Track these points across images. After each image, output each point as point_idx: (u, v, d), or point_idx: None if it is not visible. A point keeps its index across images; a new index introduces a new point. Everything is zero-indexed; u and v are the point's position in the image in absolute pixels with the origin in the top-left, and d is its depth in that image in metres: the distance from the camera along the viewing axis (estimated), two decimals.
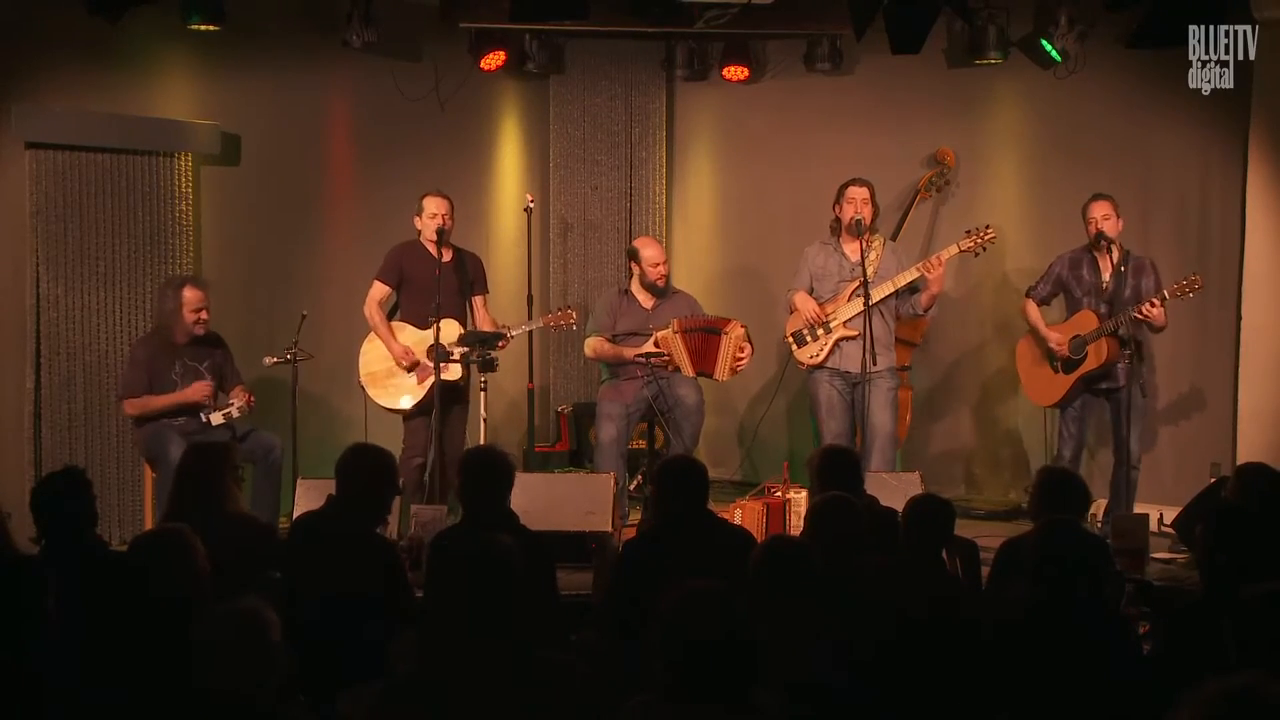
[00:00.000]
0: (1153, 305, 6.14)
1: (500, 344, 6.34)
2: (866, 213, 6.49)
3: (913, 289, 6.56)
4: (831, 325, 6.54)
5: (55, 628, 3.58)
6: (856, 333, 6.41)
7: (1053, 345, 6.41)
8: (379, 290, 6.51)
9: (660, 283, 6.82)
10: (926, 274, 6.40)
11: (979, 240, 6.52)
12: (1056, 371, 6.46)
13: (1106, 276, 6.38)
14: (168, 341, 6.19)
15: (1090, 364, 6.32)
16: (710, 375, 6.68)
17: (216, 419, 6.09)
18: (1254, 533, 3.69)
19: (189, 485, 4.64)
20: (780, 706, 2.86)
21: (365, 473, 4.33)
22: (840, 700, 3.31)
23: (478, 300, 6.60)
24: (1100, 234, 6.31)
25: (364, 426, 6.49)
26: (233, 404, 6.13)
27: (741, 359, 6.63)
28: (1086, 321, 6.35)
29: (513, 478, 4.46)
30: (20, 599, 3.44)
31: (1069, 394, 6.43)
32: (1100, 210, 6.34)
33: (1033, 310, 6.58)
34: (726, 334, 6.60)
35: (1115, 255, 6.29)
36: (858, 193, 6.51)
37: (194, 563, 3.57)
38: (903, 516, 4.24)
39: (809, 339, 6.60)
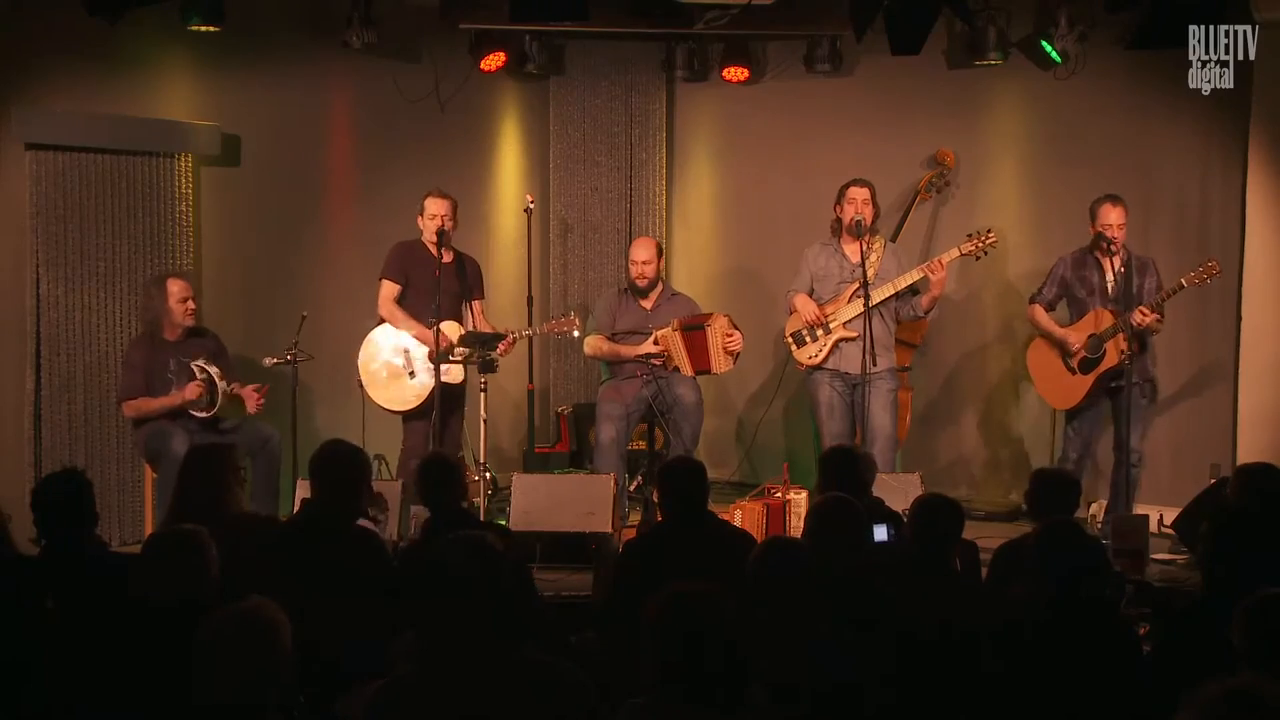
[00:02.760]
0: (1144, 314, 6.16)
1: (503, 346, 6.34)
2: (867, 213, 6.49)
3: (913, 291, 6.57)
4: (831, 326, 6.55)
5: (55, 629, 3.59)
6: (856, 334, 6.41)
7: (1072, 346, 6.39)
8: (390, 289, 6.51)
9: (641, 282, 6.82)
10: (930, 276, 6.40)
11: (980, 244, 6.52)
12: (1074, 373, 6.43)
13: (1111, 276, 6.39)
14: (160, 340, 6.20)
15: (1109, 361, 6.30)
16: (709, 371, 6.70)
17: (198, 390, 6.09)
18: (1255, 534, 3.68)
19: (192, 487, 4.64)
20: (776, 706, 2.86)
21: (335, 469, 4.35)
22: (839, 701, 3.31)
23: (475, 305, 6.61)
24: (1100, 235, 6.31)
25: (364, 427, 6.51)
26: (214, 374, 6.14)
27: (732, 345, 6.63)
28: (1102, 320, 6.34)
29: (463, 478, 4.70)
30: (20, 600, 3.44)
31: (1090, 394, 6.41)
32: (1115, 216, 6.33)
33: (1042, 315, 6.55)
34: (710, 325, 6.62)
35: (1118, 260, 6.32)
36: (858, 193, 6.51)
37: (208, 565, 3.57)
38: (910, 516, 4.23)
39: (808, 339, 6.61)
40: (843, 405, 6.57)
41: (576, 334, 6.70)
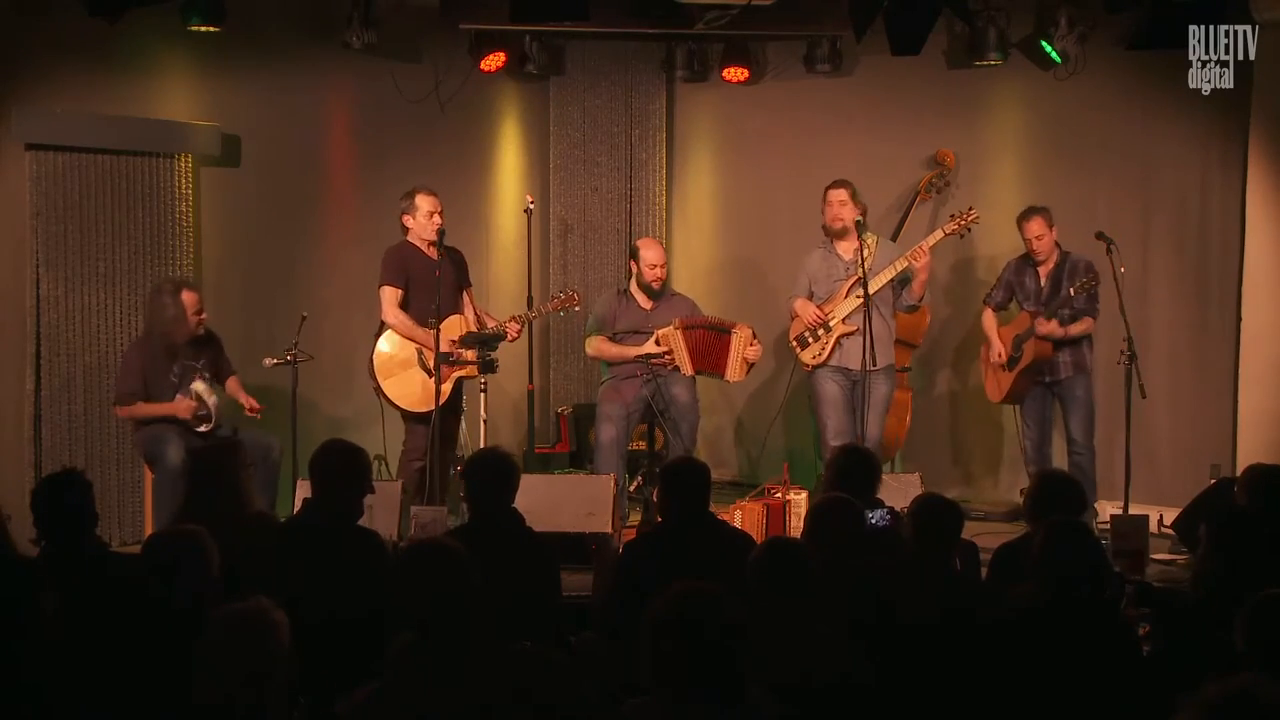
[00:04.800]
0: (1043, 323, 6.48)
1: (510, 337, 6.37)
2: (846, 214, 6.54)
3: (904, 281, 6.61)
4: (831, 324, 6.59)
5: (55, 629, 3.58)
6: (855, 328, 6.45)
7: (992, 355, 6.80)
8: (394, 294, 6.43)
9: (656, 285, 6.85)
10: (914, 262, 6.47)
11: (963, 222, 6.61)
12: (1003, 370, 6.76)
13: (1044, 282, 6.62)
14: (165, 345, 6.17)
15: (1024, 361, 6.60)
16: (715, 375, 6.72)
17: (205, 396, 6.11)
18: (1257, 535, 3.68)
19: (202, 486, 4.63)
20: (776, 706, 2.86)
21: (334, 469, 4.35)
22: (839, 701, 3.31)
23: (468, 294, 6.64)
24: (1028, 254, 6.66)
25: (365, 428, 6.50)
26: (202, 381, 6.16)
27: (751, 354, 6.70)
28: (1022, 322, 6.66)
29: (518, 478, 4.46)
30: (19, 601, 3.44)
31: (1014, 389, 6.72)
32: (1031, 229, 6.61)
33: (987, 318, 6.90)
34: (737, 333, 6.66)
35: (1047, 267, 6.62)
36: (835, 195, 6.61)
37: (209, 565, 3.56)
38: (909, 517, 4.23)
39: (811, 341, 6.65)
40: (844, 400, 6.63)
41: (579, 308, 6.71)
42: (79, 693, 3.32)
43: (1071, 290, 6.43)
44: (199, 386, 6.14)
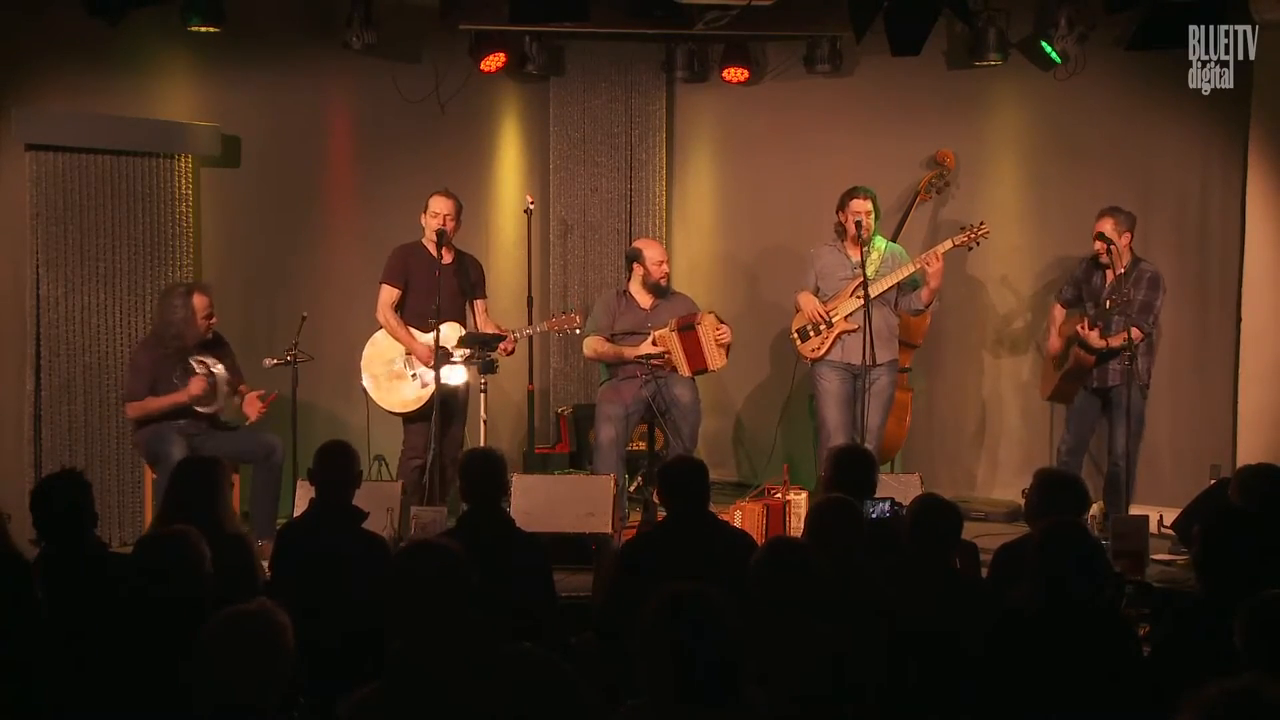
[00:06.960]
0: (1082, 329, 6.37)
1: (503, 346, 6.35)
2: (869, 222, 6.56)
3: (914, 285, 6.62)
4: (833, 320, 6.62)
5: (54, 629, 3.58)
6: (857, 326, 6.48)
7: (1049, 350, 6.77)
8: (389, 294, 6.49)
9: (664, 282, 6.88)
10: (925, 269, 6.46)
11: (973, 235, 6.61)
12: (1055, 368, 6.70)
13: (1108, 286, 6.50)
14: (173, 347, 6.15)
15: (1068, 364, 6.55)
16: (706, 370, 6.71)
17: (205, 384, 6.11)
18: (1252, 534, 3.68)
19: (181, 501, 4.54)
20: (774, 707, 2.85)
21: (335, 471, 4.35)
22: (838, 702, 3.31)
23: (478, 305, 6.62)
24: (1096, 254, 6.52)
25: (365, 428, 6.51)
26: (211, 366, 6.17)
27: (722, 338, 6.66)
28: (1075, 324, 6.55)
29: (505, 478, 4.55)
30: (19, 601, 3.44)
31: (1057, 389, 6.66)
32: (1099, 227, 6.47)
33: (1055, 313, 6.82)
34: (700, 324, 6.66)
35: (1113, 271, 6.44)
36: (861, 205, 6.61)
37: (200, 566, 3.56)
38: (909, 518, 4.23)
39: (812, 334, 6.67)
40: (845, 395, 6.66)
41: (578, 331, 6.72)
42: (77, 693, 3.32)
43: (1107, 302, 6.33)
44: (209, 362, 6.15)
